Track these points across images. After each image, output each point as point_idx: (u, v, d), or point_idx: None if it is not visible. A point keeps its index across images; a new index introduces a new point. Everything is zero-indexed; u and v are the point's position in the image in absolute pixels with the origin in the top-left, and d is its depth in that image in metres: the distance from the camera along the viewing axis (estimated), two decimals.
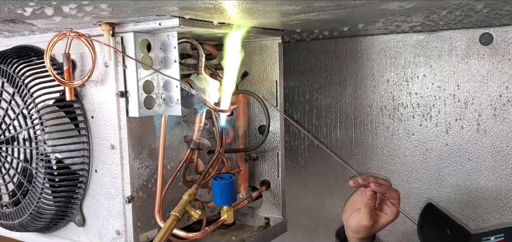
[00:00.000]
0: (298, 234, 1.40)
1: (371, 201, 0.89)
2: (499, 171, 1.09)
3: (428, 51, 1.14)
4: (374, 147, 1.24)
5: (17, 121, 0.92)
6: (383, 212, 0.93)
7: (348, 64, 1.25)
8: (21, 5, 0.65)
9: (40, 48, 0.94)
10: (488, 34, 1.06)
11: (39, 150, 0.88)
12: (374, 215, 0.91)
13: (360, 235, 0.94)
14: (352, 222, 0.94)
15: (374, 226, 0.92)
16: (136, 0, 0.65)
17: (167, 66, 0.85)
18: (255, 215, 1.12)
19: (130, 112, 0.84)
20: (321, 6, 0.75)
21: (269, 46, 1.05)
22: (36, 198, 0.90)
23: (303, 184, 1.37)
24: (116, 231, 0.88)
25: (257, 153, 1.09)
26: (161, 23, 0.80)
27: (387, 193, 0.91)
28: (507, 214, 1.10)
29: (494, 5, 0.82)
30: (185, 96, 0.87)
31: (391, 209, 0.92)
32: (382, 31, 1.13)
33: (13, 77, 0.90)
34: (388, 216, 0.92)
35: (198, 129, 0.92)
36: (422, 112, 1.16)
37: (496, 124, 1.08)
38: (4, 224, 0.99)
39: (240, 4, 0.72)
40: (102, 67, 0.85)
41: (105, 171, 0.88)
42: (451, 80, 1.12)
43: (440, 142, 1.15)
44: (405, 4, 0.76)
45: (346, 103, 1.26)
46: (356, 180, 0.91)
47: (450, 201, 1.15)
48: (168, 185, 0.89)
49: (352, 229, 0.95)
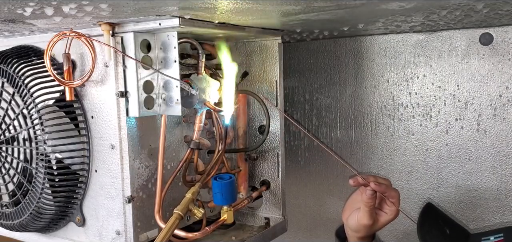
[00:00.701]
0: (298, 234, 1.40)
1: (371, 200, 0.89)
2: (499, 171, 1.09)
3: (428, 51, 1.14)
4: (374, 147, 1.24)
5: (17, 121, 0.92)
6: (383, 211, 0.93)
7: (348, 64, 1.25)
8: (21, 5, 0.65)
9: (40, 48, 0.94)
10: (488, 34, 1.06)
11: (39, 150, 0.88)
12: (374, 214, 0.91)
13: (360, 234, 0.94)
14: (352, 221, 0.94)
15: (374, 225, 0.92)
16: (136, 0, 0.65)
17: (167, 66, 0.85)
18: (255, 215, 1.12)
19: (130, 112, 0.84)
20: (321, 6, 0.75)
21: (269, 46, 1.05)
22: (36, 198, 0.89)
23: (303, 184, 1.37)
24: (116, 231, 0.88)
25: (257, 153, 1.09)
26: (161, 23, 0.80)
27: (387, 192, 0.91)
28: (507, 214, 1.10)
29: (494, 5, 0.82)
30: (185, 96, 0.87)
31: (391, 208, 0.92)
32: (382, 31, 1.13)
33: (13, 77, 0.90)
34: (388, 216, 0.92)
35: (198, 129, 0.92)
36: (422, 112, 1.16)
37: (496, 124, 1.08)
38: (4, 224, 0.99)
39: (240, 4, 0.72)
40: (102, 67, 0.85)
41: (105, 171, 0.88)
42: (451, 80, 1.12)
43: (440, 142, 1.15)
44: (405, 4, 0.76)
45: (346, 103, 1.26)
46: (356, 179, 0.91)
47: (450, 201, 1.15)
48: (168, 185, 0.89)
49: (352, 228, 0.95)
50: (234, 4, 0.71)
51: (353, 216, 0.93)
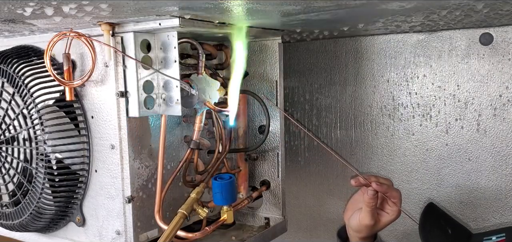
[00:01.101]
0: (298, 234, 1.40)
1: (373, 200, 0.89)
2: (499, 171, 1.09)
3: (428, 51, 1.14)
4: (374, 147, 1.24)
5: (17, 121, 0.92)
6: (385, 212, 0.93)
7: (348, 64, 1.25)
8: (21, 5, 0.65)
9: (40, 48, 0.94)
10: (488, 34, 1.06)
11: (39, 150, 0.88)
12: (375, 214, 0.91)
13: (362, 235, 0.94)
14: (354, 222, 0.94)
15: (376, 225, 0.92)
16: (136, 0, 0.65)
17: (167, 66, 0.85)
18: (255, 215, 1.12)
19: (130, 112, 0.84)
20: (321, 6, 0.75)
21: (269, 46, 1.05)
22: (36, 198, 0.89)
23: (303, 184, 1.37)
24: (116, 231, 0.88)
25: (257, 153, 1.09)
26: (161, 23, 0.80)
27: (388, 193, 0.91)
28: (507, 214, 1.10)
29: (494, 5, 0.82)
30: (185, 96, 0.87)
31: (392, 208, 0.92)
32: (382, 31, 1.13)
33: (13, 77, 0.90)
34: (390, 216, 0.92)
35: (198, 129, 0.92)
36: (422, 112, 1.16)
37: (496, 124, 1.08)
38: (4, 224, 0.99)
39: (240, 4, 0.72)
40: (102, 67, 0.85)
41: (105, 171, 0.88)
42: (451, 80, 1.12)
43: (440, 142, 1.15)
44: (405, 4, 0.75)
45: (346, 103, 1.26)
46: (358, 179, 0.91)
47: (450, 201, 1.15)
48: (168, 185, 0.89)
49: (353, 228, 0.95)
50: (234, 4, 0.71)
51: (355, 217, 0.93)
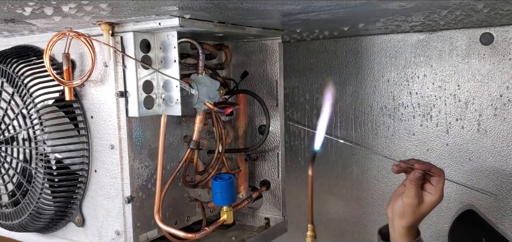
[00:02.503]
0: (298, 234, 1.39)
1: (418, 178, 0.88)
2: (499, 171, 1.09)
3: (428, 51, 1.13)
4: (374, 147, 1.23)
5: (17, 121, 0.92)
6: (427, 192, 0.91)
7: (348, 64, 1.25)
8: (20, 5, 0.65)
9: (39, 48, 0.94)
10: (489, 34, 1.06)
11: (39, 150, 0.88)
12: (419, 193, 0.90)
13: (406, 220, 0.91)
14: (398, 205, 0.92)
15: (419, 205, 0.90)
16: (136, 0, 0.65)
17: (167, 66, 0.85)
18: (255, 215, 1.12)
19: (130, 112, 0.84)
20: (321, 6, 0.75)
21: (269, 46, 1.05)
22: (35, 198, 0.89)
23: (303, 184, 1.36)
24: (116, 231, 0.88)
25: (257, 153, 1.09)
26: (161, 23, 0.79)
27: (432, 169, 0.90)
28: (507, 214, 1.09)
29: (494, 5, 0.82)
30: (185, 96, 0.87)
31: (436, 187, 0.90)
32: (382, 31, 1.13)
33: (12, 77, 0.90)
34: (433, 195, 0.90)
35: (198, 129, 0.92)
36: (423, 112, 1.16)
37: (496, 123, 1.08)
38: (4, 224, 0.98)
39: (240, 4, 0.71)
40: (102, 67, 0.85)
41: (105, 171, 0.88)
42: (451, 80, 1.12)
43: (441, 142, 1.15)
44: (405, 3, 0.75)
45: (346, 103, 1.26)
46: (399, 165, 0.91)
47: (451, 201, 1.15)
48: (168, 185, 0.89)
49: (397, 213, 0.92)
50: (234, 4, 0.71)
51: (398, 200, 0.92)
